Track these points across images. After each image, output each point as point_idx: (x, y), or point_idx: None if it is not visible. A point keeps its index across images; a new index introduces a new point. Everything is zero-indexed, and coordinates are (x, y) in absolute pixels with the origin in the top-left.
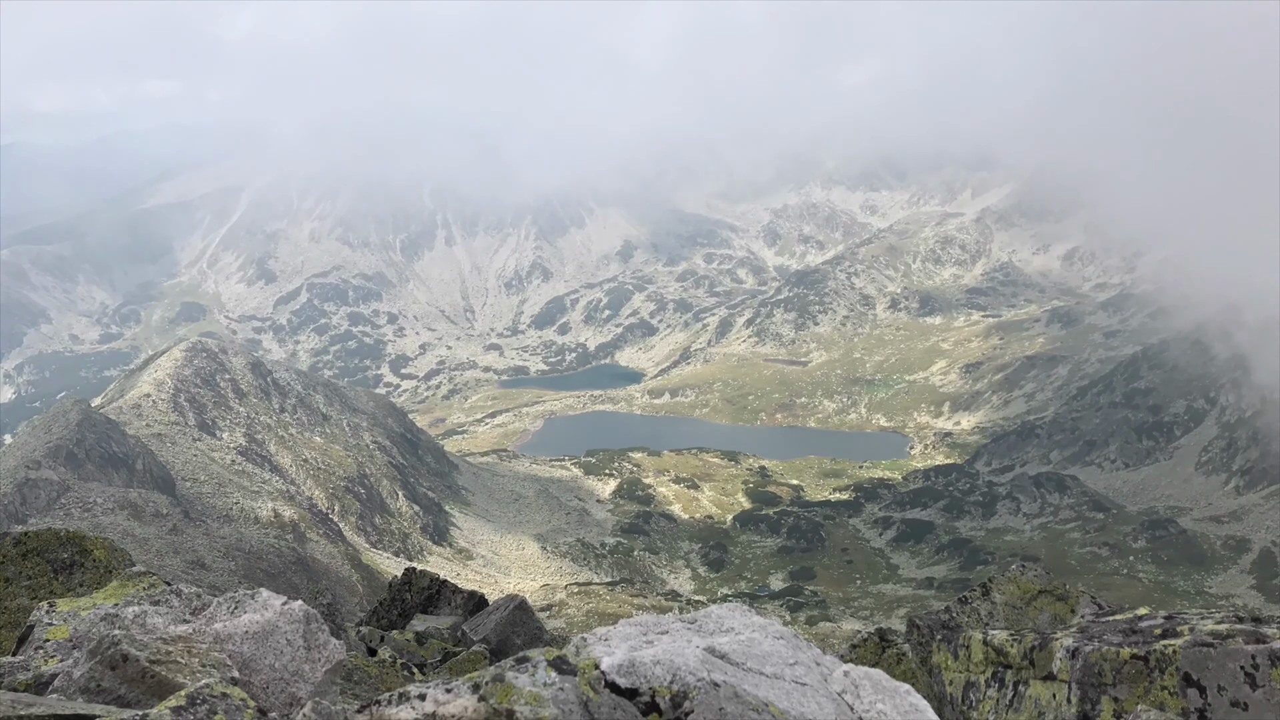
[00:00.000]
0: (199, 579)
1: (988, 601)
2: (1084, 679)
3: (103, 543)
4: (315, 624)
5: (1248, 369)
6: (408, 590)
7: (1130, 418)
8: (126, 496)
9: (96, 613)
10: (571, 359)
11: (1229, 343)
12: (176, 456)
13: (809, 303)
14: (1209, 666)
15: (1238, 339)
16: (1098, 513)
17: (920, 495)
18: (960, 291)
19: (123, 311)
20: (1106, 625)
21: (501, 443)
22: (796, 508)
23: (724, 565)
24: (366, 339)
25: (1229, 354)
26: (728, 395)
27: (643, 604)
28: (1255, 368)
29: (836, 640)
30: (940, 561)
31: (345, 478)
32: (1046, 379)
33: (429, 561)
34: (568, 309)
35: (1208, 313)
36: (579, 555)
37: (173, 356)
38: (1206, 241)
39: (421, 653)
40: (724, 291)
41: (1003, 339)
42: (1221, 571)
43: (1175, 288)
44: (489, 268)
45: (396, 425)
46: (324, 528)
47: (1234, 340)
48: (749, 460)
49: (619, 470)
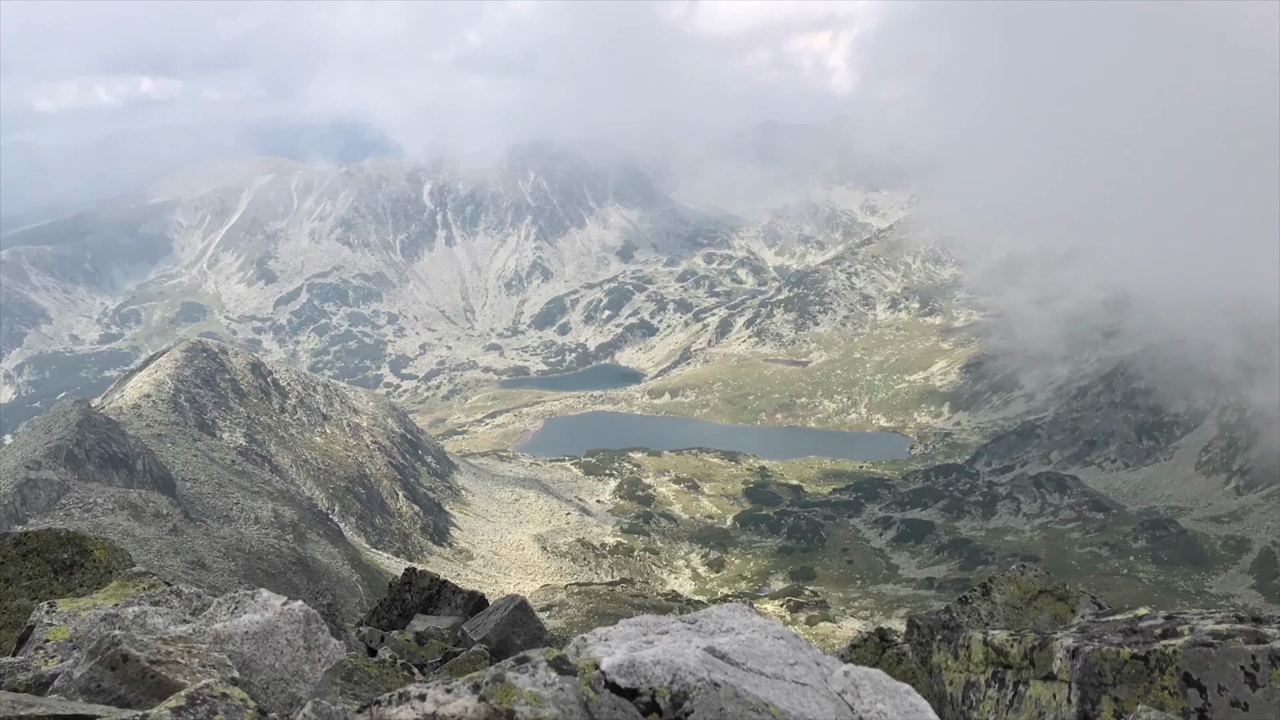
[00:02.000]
0: (199, 579)
1: (988, 601)
2: (1084, 679)
3: (103, 543)
4: (315, 624)
5: (1248, 369)
6: (408, 590)
7: (1130, 418)
8: (127, 497)
9: (97, 613)
10: (571, 359)
11: (1229, 343)
12: (176, 457)
13: (809, 303)
14: (1209, 666)
15: (1237, 339)
16: (1098, 513)
17: (920, 495)
18: (961, 291)
19: (123, 312)
20: (1107, 625)
21: (502, 443)
22: (796, 508)
23: (724, 565)
24: (366, 339)
25: (1229, 354)
26: (728, 395)
27: (643, 604)
28: (1255, 368)
29: (836, 640)
30: (940, 561)
31: (345, 478)
32: (1046, 379)
33: (429, 562)
34: (568, 309)
35: (1207, 313)
36: (579, 555)
37: (173, 357)
38: (1207, 243)
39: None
40: (724, 291)
41: (1003, 339)
42: (1221, 571)
43: (1175, 288)
44: (489, 268)
45: (396, 425)
46: (324, 528)
47: (1234, 341)
48: (749, 460)
49: (619, 470)
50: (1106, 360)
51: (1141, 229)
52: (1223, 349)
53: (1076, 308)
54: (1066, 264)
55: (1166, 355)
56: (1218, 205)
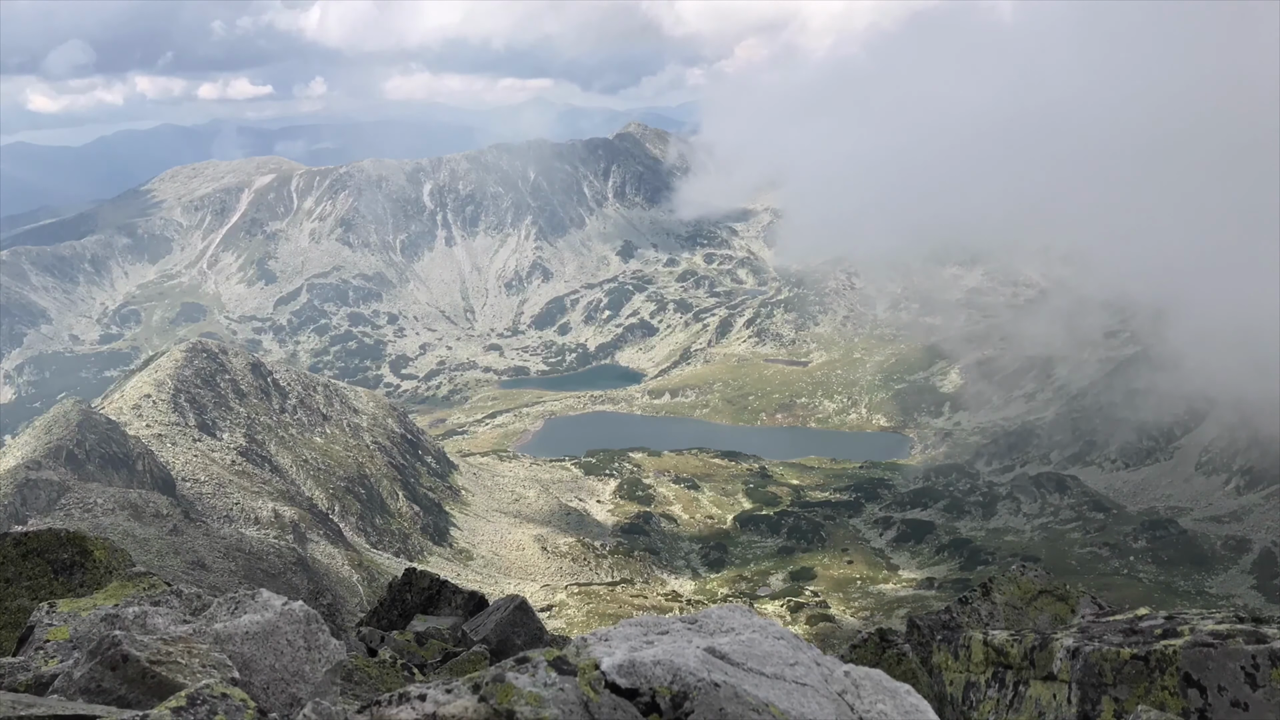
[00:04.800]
0: (199, 579)
1: (988, 602)
2: (1084, 679)
3: (103, 543)
4: (316, 624)
5: (1248, 369)
6: (408, 590)
7: (1130, 418)
8: (127, 497)
9: (97, 613)
10: (572, 359)
11: (1229, 343)
12: (177, 457)
13: (809, 303)
14: (1209, 666)
15: (1238, 339)
16: (1098, 513)
17: (920, 495)
18: (961, 291)
19: (123, 312)
20: (1107, 625)
21: (502, 443)
22: (796, 508)
23: (724, 565)
24: (366, 339)
25: (1229, 354)
26: (728, 395)
27: (643, 604)
28: (1255, 368)
29: (836, 640)
30: (941, 562)
31: (345, 478)
32: (1046, 379)
33: (429, 562)
34: (568, 309)
35: (1208, 313)
36: (579, 555)
37: (173, 357)
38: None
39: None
40: (724, 291)
41: (1003, 339)
42: (1222, 571)
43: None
44: (489, 268)
45: (396, 426)
46: (324, 528)
47: (1234, 340)
48: (749, 460)
49: (619, 470)
50: (1107, 360)
51: (1141, 229)
52: (1223, 348)
53: (1077, 307)
54: (1067, 263)
55: (1167, 355)
56: (1218, 205)
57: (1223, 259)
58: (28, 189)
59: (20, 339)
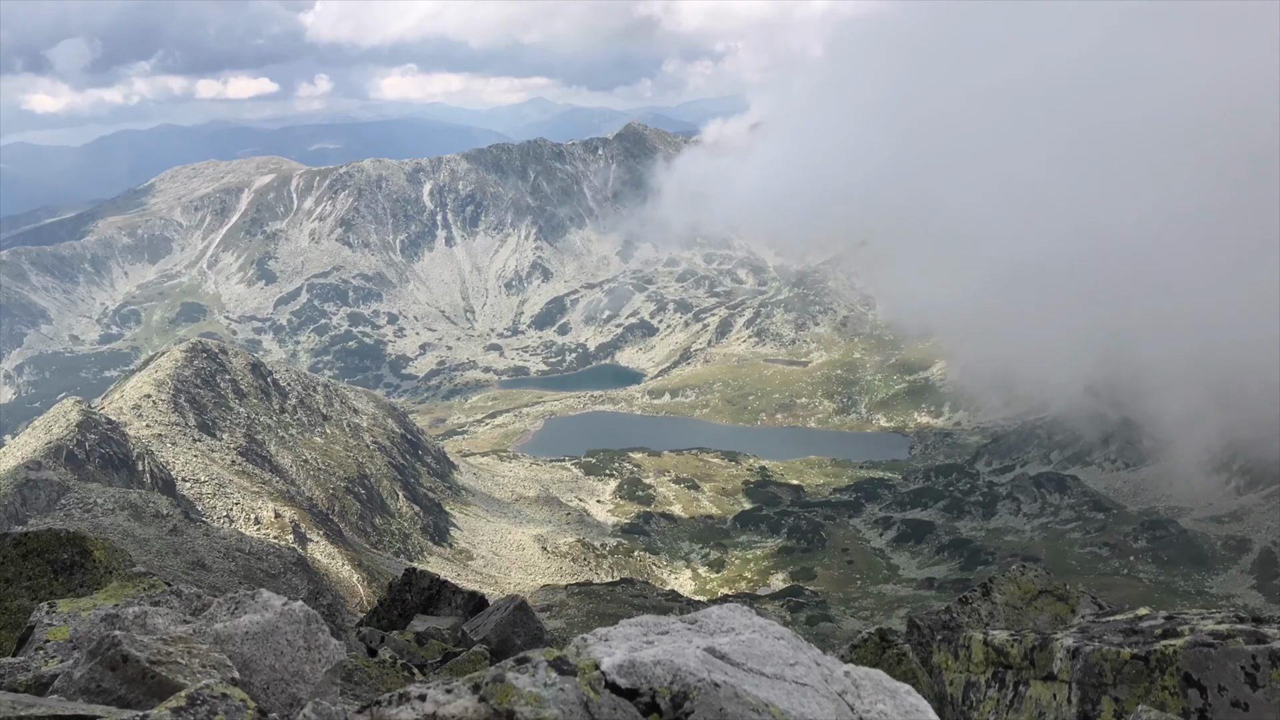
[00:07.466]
0: (199, 579)
1: (988, 602)
2: (1084, 679)
3: (103, 543)
4: (316, 624)
5: (1248, 368)
6: (408, 590)
7: (1130, 418)
8: (127, 497)
9: (97, 613)
10: (572, 359)
11: (1229, 342)
12: (176, 457)
13: (809, 303)
14: (1209, 666)
15: (1238, 339)
16: (1098, 513)
17: (920, 495)
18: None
19: (123, 312)
20: (1107, 625)
21: (502, 443)
22: (796, 508)
23: (724, 565)
24: (366, 339)
25: (1230, 354)
26: (728, 395)
27: (643, 604)
28: (1255, 368)
29: (837, 640)
30: (941, 562)
31: (345, 478)
32: (1047, 379)
33: (429, 562)
34: (568, 309)
35: (1208, 313)
36: (579, 555)
37: (173, 357)
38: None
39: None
40: (724, 291)
41: (1003, 339)
42: (1222, 571)
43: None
44: (489, 268)
45: (396, 426)
46: (324, 528)
47: (1234, 340)
48: (749, 460)
49: (619, 470)
50: (1107, 360)
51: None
52: (1223, 348)
53: (1077, 306)
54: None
55: (1167, 354)
56: (1216, 205)
57: (1222, 258)
58: (28, 189)
59: (20, 339)
